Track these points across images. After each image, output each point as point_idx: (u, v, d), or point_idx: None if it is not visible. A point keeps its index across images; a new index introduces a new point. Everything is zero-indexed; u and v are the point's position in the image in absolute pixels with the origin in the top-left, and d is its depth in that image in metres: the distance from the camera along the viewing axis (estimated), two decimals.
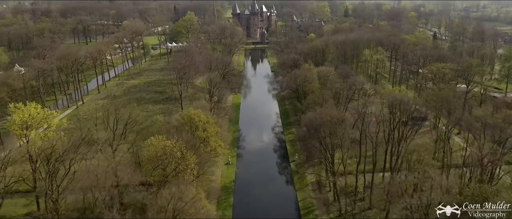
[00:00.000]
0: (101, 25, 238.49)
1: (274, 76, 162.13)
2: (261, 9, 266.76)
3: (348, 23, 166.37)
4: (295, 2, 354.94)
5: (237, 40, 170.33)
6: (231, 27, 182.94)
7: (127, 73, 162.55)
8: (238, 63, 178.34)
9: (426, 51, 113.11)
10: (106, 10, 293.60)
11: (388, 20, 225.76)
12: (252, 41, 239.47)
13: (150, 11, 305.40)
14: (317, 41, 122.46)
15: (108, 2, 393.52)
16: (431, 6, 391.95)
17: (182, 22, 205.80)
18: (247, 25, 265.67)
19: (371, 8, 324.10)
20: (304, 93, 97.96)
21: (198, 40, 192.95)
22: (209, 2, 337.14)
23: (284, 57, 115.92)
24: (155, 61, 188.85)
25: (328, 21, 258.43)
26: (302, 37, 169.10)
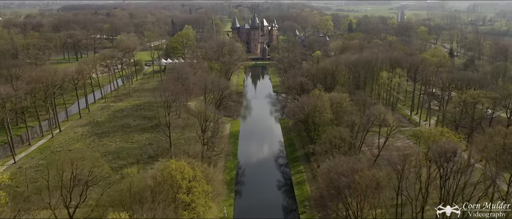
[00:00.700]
0: (93, 39, 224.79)
1: (277, 96, 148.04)
2: (262, 23, 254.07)
3: (357, 40, 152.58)
4: (297, 15, 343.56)
5: (236, 58, 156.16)
6: (230, 43, 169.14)
7: (115, 94, 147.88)
8: (237, 82, 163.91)
9: (452, 74, 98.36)
10: (100, 24, 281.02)
11: (397, 35, 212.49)
12: (252, 57, 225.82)
13: (146, 25, 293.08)
14: (326, 61, 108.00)
15: (105, 16, 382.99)
16: (437, 20, 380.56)
17: (178, 37, 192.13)
18: (247, 40, 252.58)
19: (376, 21, 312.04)
20: (314, 125, 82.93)
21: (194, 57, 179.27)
22: (208, 15, 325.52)
23: (290, 81, 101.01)
24: (147, 79, 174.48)
25: (332, 36, 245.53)
26: (307, 54, 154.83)
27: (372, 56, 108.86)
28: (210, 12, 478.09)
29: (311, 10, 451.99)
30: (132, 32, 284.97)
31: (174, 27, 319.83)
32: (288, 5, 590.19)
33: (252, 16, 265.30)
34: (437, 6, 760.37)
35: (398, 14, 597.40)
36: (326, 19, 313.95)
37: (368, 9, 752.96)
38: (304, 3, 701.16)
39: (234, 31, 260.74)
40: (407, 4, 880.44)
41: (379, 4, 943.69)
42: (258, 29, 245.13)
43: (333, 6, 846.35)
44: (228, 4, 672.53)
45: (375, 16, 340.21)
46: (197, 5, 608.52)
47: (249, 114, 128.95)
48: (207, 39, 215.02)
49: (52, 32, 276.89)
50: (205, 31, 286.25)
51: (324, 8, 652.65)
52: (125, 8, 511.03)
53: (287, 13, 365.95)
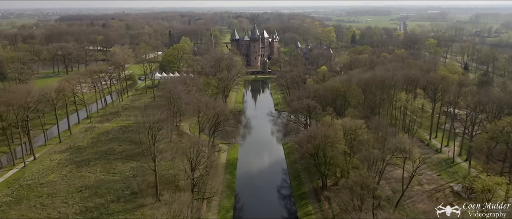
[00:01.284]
0: (85, 52, 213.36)
1: (279, 115, 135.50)
2: (262, 35, 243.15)
3: (367, 55, 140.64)
4: (298, 26, 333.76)
5: (234, 73, 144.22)
6: (228, 57, 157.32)
7: (102, 113, 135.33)
8: (236, 99, 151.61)
9: (480, 96, 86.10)
10: (94, 35, 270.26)
11: (405, 48, 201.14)
12: (252, 71, 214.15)
13: (142, 36, 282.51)
14: (335, 80, 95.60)
15: (101, 27, 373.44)
16: (442, 31, 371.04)
17: (173, 50, 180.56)
18: (247, 52, 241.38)
19: (380, 33, 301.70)
20: (325, 157, 70.24)
21: (190, 71, 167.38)
22: (206, 27, 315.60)
23: (295, 103, 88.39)
24: (139, 96, 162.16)
25: (336, 49, 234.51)
26: (311, 70, 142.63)
27: (387, 74, 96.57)
28: (209, 23, 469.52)
29: (312, 21, 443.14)
30: (127, 44, 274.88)
31: (171, 39, 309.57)
32: (288, 16, 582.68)
33: (252, 28, 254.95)
34: (438, 17, 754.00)
35: (400, 25, 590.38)
36: (328, 31, 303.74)
37: (369, 20, 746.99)
38: (304, 14, 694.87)
39: (233, 43, 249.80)
40: (407, 15, 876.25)
41: (379, 14, 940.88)
42: (258, 41, 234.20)
43: (333, 16, 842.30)
44: (227, 14, 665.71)
45: (378, 28, 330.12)
46: (196, 16, 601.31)
47: (249, 137, 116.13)
48: (205, 52, 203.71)
49: (43, 44, 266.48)
50: (203, 43, 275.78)
51: (325, 19, 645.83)
52: (123, 19, 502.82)
53: (288, 24, 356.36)
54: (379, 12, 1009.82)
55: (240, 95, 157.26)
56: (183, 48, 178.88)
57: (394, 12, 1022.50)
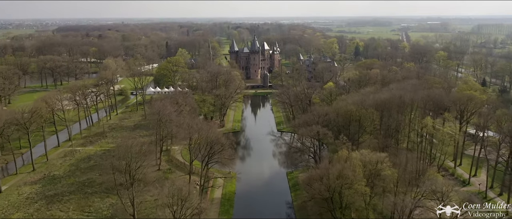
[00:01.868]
0: (75, 64, 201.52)
1: (281, 135, 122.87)
2: (263, 47, 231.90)
3: (378, 70, 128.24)
4: (299, 38, 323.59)
5: (233, 89, 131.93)
6: (226, 72, 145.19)
7: (86, 134, 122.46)
8: (234, 118, 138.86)
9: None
10: (87, 46, 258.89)
11: (414, 61, 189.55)
12: (252, 84, 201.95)
13: (137, 48, 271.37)
14: (347, 101, 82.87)
15: (96, 38, 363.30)
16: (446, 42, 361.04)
17: (167, 63, 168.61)
18: (246, 65, 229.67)
19: (384, 44, 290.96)
20: (341, 202, 57.32)
21: (185, 86, 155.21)
22: (204, 38, 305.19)
23: (303, 131, 75.56)
24: (129, 113, 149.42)
25: (340, 61, 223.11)
26: (316, 86, 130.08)
27: (406, 95, 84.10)
28: (208, 33, 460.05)
29: (314, 32, 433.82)
30: (121, 56, 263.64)
31: (168, 50, 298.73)
32: (288, 27, 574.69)
33: (251, 39, 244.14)
34: (439, 28, 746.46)
35: (402, 36, 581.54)
36: (331, 42, 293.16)
37: (370, 31, 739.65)
38: (304, 25, 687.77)
39: (232, 55, 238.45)
40: (408, 26, 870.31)
41: (380, 25, 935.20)
42: (259, 53, 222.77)
43: (333, 27, 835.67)
44: (227, 25, 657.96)
45: (382, 39, 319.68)
46: (195, 27, 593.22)
47: (248, 164, 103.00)
48: (202, 65, 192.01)
49: (34, 56, 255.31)
50: (201, 55, 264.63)
51: (325, 30, 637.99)
52: (121, 29, 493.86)
53: (289, 36, 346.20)
54: (379, 23, 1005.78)
55: (239, 113, 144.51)
56: (178, 61, 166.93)
57: (395, 23, 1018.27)
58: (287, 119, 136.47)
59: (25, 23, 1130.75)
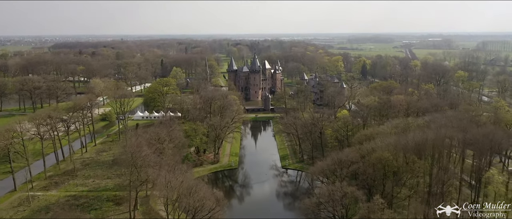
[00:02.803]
0: (57, 85, 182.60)
1: (287, 174, 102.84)
2: (263, 65, 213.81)
3: (402, 96, 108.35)
4: (301, 55, 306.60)
5: (230, 117, 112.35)
6: (222, 96, 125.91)
7: (53, 173, 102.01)
8: (230, 151, 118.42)
9: None
10: (74, 65, 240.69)
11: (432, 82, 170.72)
12: (252, 107, 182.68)
13: (130, 66, 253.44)
14: (376, 144, 62.72)
15: (90, 56, 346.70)
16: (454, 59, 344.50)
17: (156, 85, 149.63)
18: (246, 85, 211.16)
19: (392, 62, 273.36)
20: None
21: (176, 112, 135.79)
22: (201, 56, 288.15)
23: (324, 191, 54.90)
24: (110, 143, 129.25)
25: (348, 81, 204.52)
26: (327, 114, 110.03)
27: (452, 133, 64.39)
28: (206, 51, 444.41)
29: (316, 49, 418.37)
30: (112, 75, 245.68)
31: (163, 69, 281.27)
32: (289, 43, 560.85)
33: (251, 57, 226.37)
34: (442, 44, 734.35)
35: (406, 52, 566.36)
36: (336, 60, 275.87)
37: (372, 47, 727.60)
38: (305, 41, 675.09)
39: (230, 75, 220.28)
40: (410, 42, 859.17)
41: (381, 42, 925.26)
42: (259, 72, 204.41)
43: (334, 44, 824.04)
44: (227, 42, 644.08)
45: (389, 56, 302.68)
46: (194, 44, 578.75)
47: (248, 213, 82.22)
48: (196, 86, 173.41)
49: (18, 75, 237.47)
50: (197, 73, 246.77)
51: (327, 47, 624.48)
52: (116, 46, 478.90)
53: (291, 53, 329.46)
54: (380, 39, 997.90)
55: (237, 144, 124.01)
56: (168, 83, 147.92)
57: (396, 39, 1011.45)
58: (293, 152, 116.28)
59: (24, 39, 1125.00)
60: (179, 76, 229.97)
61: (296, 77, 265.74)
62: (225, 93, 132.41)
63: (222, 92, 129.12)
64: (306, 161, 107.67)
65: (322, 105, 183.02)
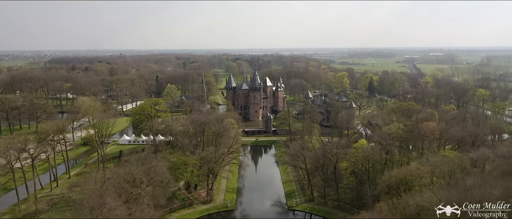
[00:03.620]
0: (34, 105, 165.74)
1: (294, 216, 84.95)
2: (264, 82, 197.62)
3: (434, 124, 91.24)
4: (304, 71, 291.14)
5: (226, 146, 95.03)
6: (218, 119, 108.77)
7: (10, 217, 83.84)
8: (226, 186, 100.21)
9: None
10: (61, 82, 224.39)
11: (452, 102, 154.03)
12: (251, 129, 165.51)
13: (122, 83, 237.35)
14: (426, 201, 45.53)
15: (83, 71, 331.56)
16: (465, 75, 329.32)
17: (144, 106, 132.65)
18: (245, 104, 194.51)
19: (401, 79, 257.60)
20: None
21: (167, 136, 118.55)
22: (198, 71, 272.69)
23: None
24: (88, 174, 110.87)
25: (356, 100, 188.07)
26: (343, 145, 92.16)
27: None
28: (205, 66, 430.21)
29: (319, 64, 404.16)
30: (101, 93, 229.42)
31: (159, 85, 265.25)
32: (290, 58, 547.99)
33: (251, 73, 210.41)
34: (446, 59, 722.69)
35: (410, 67, 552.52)
36: (341, 76, 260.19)
37: (374, 62, 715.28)
38: (306, 56, 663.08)
39: (228, 92, 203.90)
40: (412, 57, 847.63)
41: (382, 57, 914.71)
42: (260, 90, 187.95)
43: (335, 58, 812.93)
44: (226, 57, 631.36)
45: (397, 72, 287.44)
46: (192, 59, 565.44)
47: None
48: (190, 106, 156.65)
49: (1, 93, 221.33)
50: (193, 91, 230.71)
51: (328, 61, 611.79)
52: (113, 62, 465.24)
53: (293, 69, 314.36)
54: (381, 54, 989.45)
55: (234, 178, 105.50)
56: (158, 103, 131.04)
57: (397, 54, 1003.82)
58: (301, 187, 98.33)
59: (23, 54, 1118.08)
60: (174, 94, 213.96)
61: (299, 94, 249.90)
62: (220, 116, 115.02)
63: (217, 116, 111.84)
64: (317, 199, 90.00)
65: (330, 126, 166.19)
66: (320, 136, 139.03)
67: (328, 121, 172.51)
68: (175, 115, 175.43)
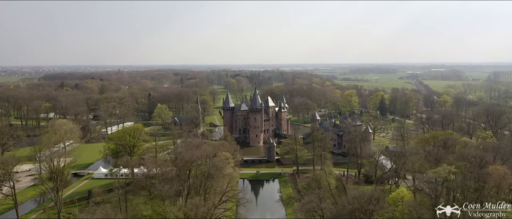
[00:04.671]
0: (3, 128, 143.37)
1: None
2: (266, 102, 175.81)
3: (505, 168, 68.90)
4: (308, 89, 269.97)
5: (220, 193, 72.16)
6: (209, 157, 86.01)
7: None
8: None
9: None
10: (39, 101, 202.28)
11: (486, 127, 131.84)
12: (251, 158, 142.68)
13: (109, 102, 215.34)
14: None
15: (73, 88, 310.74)
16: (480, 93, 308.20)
17: (123, 134, 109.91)
18: (244, 127, 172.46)
19: (416, 97, 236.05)
20: None
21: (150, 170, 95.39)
22: (193, 90, 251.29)
23: None
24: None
25: (370, 122, 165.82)
26: (377, 197, 68.69)
27: None
28: (203, 82, 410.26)
29: (322, 81, 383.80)
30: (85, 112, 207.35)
31: (151, 104, 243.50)
32: (292, 74, 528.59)
33: (251, 91, 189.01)
34: (450, 75, 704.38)
35: (416, 84, 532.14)
36: (349, 95, 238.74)
37: (376, 78, 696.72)
38: (308, 72, 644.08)
39: (226, 114, 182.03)
40: (414, 73, 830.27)
41: (384, 72, 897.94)
42: (261, 111, 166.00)
43: (337, 75, 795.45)
44: (225, 73, 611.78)
45: (407, 89, 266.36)
46: (190, 75, 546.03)
47: None
48: (177, 134, 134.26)
49: None
50: (188, 111, 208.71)
51: (331, 77, 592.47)
52: (106, 78, 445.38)
53: (296, 86, 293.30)
54: (383, 70, 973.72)
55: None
56: (138, 131, 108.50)
57: (399, 70, 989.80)
58: None
59: (22, 70, 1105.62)
60: (165, 115, 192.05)
61: (303, 114, 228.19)
62: (212, 150, 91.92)
63: (207, 151, 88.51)
64: None
65: (342, 155, 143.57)
66: (333, 166, 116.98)
67: (340, 147, 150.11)
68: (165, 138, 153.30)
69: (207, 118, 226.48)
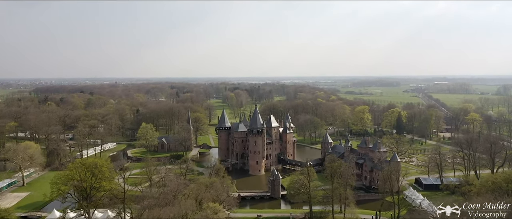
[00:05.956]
0: None
1: None
2: (269, 122, 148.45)
3: None
4: (314, 105, 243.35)
5: None
6: (196, 204, 58.69)
7: None
8: None
9: None
10: (5, 120, 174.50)
11: None
12: (251, 194, 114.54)
13: (89, 119, 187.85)
14: None
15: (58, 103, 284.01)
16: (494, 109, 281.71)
17: (82, 169, 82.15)
18: (243, 152, 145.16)
19: (437, 114, 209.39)
20: None
21: None
22: (185, 106, 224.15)
23: None
24: None
25: (390, 145, 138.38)
26: None
27: None
28: (200, 96, 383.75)
29: (327, 95, 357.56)
30: (60, 132, 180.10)
31: (137, 121, 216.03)
32: (294, 88, 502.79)
33: (251, 108, 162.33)
34: (458, 88, 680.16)
35: (422, 97, 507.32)
36: (360, 111, 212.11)
37: (380, 91, 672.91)
38: (309, 85, 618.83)
39: (221, 136, 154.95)
40: (418, 86, 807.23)
41: (387, 85, 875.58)
42: (262, 133, 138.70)
43: (339, 88, 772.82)
44: (224, 86, 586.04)
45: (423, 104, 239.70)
46: (187, 88, 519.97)
47: None
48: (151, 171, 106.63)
49: None
50: (177, 131, 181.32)
51: (333, 90, 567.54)
52: (97, 92, 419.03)
53: (300, 101, 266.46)
54: (385, 83, 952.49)
55: None
56: (98, 166, 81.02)
57: (402, 82, 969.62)
58: None
59: (19, 82, 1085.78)
60: (150, 136, 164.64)
61: (310, 132, 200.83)
62: (193, 206, 63.91)
63: (187, 206, 60.91)
64: None
65: (364, 189, 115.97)
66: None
67: (359, 178, 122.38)
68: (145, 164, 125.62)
69: (200, 138, 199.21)
